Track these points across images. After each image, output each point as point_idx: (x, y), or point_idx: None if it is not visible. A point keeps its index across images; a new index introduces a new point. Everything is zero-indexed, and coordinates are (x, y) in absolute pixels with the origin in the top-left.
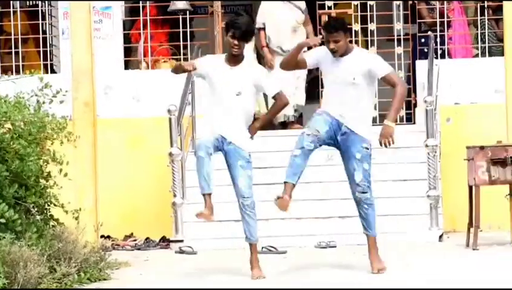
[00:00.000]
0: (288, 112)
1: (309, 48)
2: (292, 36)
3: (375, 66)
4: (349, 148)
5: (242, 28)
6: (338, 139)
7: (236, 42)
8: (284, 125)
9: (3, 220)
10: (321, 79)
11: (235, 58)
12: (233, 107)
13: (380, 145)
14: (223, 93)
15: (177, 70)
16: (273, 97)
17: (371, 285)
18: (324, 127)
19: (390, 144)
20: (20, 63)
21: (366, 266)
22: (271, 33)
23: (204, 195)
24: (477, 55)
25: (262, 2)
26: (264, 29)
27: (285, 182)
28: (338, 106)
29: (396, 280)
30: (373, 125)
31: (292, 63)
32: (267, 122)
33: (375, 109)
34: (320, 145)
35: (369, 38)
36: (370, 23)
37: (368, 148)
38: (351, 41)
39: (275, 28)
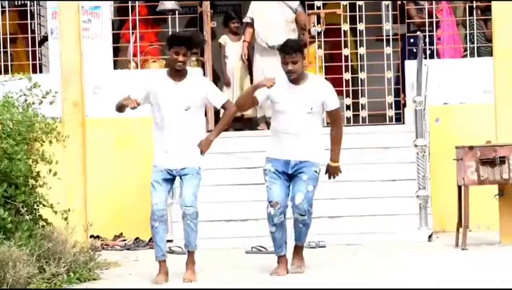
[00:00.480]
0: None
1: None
2: (286, 34)
3: (329, 99)
4: (299, 173)
5: (186, 44)
6: (290, 173)
7: (180, 58)
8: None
9: None
10: None
11: (179, 73)
12: (181, 124)
13: (329, 178)
14: (169, 110)
15: (121, 108)
16: (222, 107)
17: (362, 285)
18: (278, 192)
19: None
20: (9, 63)
21: (356, 265)
22: (259, 29)
23: (159, 262)
24: (465, 56)
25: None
26: (251, 24)
27: (277, 256)
28: (286, 142)
29: (386, 280)
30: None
31: (247, 104)
32: (220, 133)
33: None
34: (287, 205)
35: (358, 39)
36: (359, 23)
37: (317, 172)
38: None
39: (264, 25)
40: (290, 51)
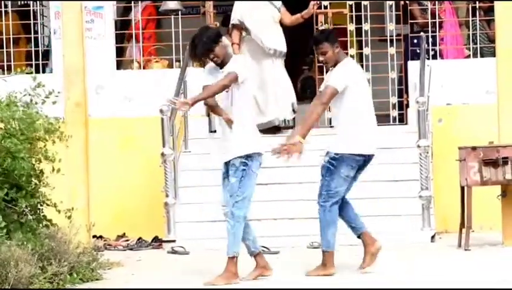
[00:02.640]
0: (287, 116)
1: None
2: (272, 31)
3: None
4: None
5: (203, 50)
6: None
7: (210, 57)
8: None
9: None
10: (315, 79)
11: (220, 64)
12: (225, 108)
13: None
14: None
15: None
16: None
17: (364, 285)
18: None
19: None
20: (12, 63)
21: (358, 265)
22: (254, 30)
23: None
24: (468, 56)
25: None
26: (239, 26)
27: None
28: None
29: (389, 280)
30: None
31: None
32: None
33: None
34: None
35: (363, 39)
36: (364, 23)
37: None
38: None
39: (256, 26)
40: (316, 42)
